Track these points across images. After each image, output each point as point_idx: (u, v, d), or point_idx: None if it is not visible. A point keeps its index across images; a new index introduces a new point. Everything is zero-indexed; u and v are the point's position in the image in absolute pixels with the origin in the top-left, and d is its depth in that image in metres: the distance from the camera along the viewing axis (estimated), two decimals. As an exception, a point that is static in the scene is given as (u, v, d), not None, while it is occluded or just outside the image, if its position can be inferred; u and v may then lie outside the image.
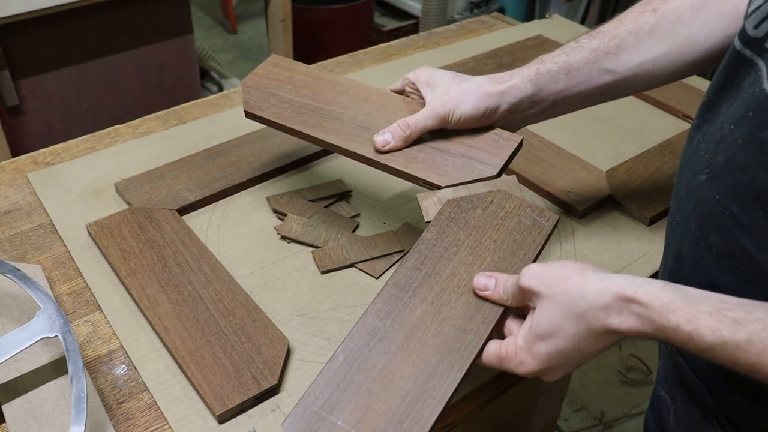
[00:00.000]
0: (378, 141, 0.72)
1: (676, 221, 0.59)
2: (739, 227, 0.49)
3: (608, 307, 0.48)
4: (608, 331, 0.49)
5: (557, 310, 0.51)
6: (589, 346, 0.51)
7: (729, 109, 0.53)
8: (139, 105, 1.87)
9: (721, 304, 0.45)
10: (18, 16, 1.50)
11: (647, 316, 0.47)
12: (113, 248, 0.77)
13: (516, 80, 0.70)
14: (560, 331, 0.51)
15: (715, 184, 0.52)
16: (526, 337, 0.54)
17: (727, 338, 0.43)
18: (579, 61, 0.69)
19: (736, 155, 0.49)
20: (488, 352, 0.57)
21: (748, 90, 0.50)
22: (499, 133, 0.72)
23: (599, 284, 0.49)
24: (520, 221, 0.64)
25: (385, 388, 0.53)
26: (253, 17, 3.70)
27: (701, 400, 0.59)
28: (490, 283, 0.58)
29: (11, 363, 0.63)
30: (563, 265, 0.53)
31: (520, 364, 0.55)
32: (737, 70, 0.53)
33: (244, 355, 0.65)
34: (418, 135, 0.72)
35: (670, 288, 0.47)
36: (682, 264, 0.57)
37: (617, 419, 1.67)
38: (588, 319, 0.49)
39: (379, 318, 0.58)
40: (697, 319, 0.44)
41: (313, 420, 0.52)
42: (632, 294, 0.47)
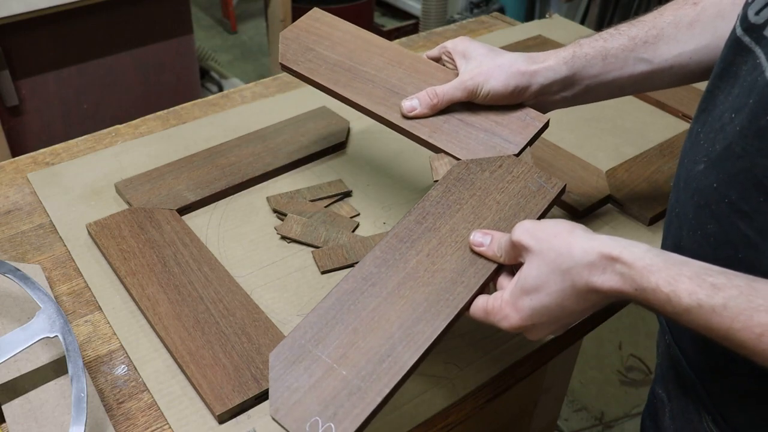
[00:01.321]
0: (405, 106, 0.72)
1: (675, 213, 0.59)
2: (738, 215, 0.49)
3: (593, 265, 0.49)
4: (591, 290, 0.50)
5: (544, 265, 0.52)
6: (572, 304, 0.52)
7: (728, 97, 0.53)
8: (139, 105, 1.88)
9: (702, 270, 0.45)
10: (18, 16, 1.50)
11: (629, 275, 0.47)
12: (113, 248, 0.77)
13: (551, 62, 0.69)
14: (545, 286, 0.52)
15: (713, 173, 0.52)
16: (513, 291, 0.54)
17: (704, 301, 0.44)
18: (617, 47, 0.69)
19: (734, 142, 0.50)
20: (476, 306, 0.57)
21: (747, 78, 0.50)
22: (527, 111, 0.71)
23: (586, 243, 0.50)
24: (526, 185, 0.65)
25: (371, 329, 0.55)
26: (253, 17, 3.70)
27: (695, 395, 0.59)
28: (485, 240, 0.59)
29: (11, 363, 0.63)
30: (555, 223, 0.54)
31: (504, 318, 0.55)
32: (735, 58, 0.53)
33: (244, 355, 0.65)
34: (445, 105, 0.71)
35: (654, 251, 0.48)
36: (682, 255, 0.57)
37: (617, 419, 1.67)
38: (573, 275, 0.50)
39: (375, 265, 0.59)
40: (677, 281, 0.45)
41: (299, 351, 0.53)
42: (617, 254, 0.48)
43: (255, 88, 1.13)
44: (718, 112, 0.54)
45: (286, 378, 0.52)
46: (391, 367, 0.52)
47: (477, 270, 0.58)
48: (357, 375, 0.52)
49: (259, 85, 1.15)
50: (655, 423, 0.68)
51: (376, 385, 0.51)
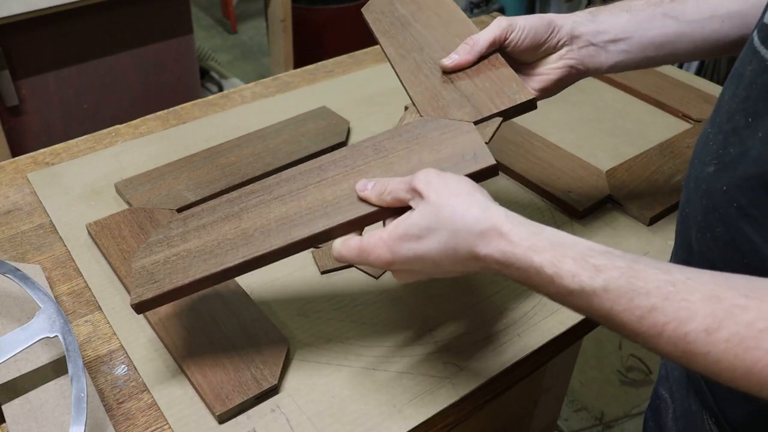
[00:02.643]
0: (445, 61, 0.70)
1: (685, 212, 0.59)
2: (746, 220, 0.49)
3: (481, 234, 0.49)
4: (473, 257, 0.50)
5: (435, 219, 0.51)
6: (448, 264, 0.52)
7: (734, 99, 0.53)
8: (139, 105, 1.88)
9: (586, 250, 0.46)
10: (18, 16, 1.50)
11: (512, 253, 0.48)
12: (113, 248, 0.77)
13: (578, 12, 0.69)
14: (428, 239, 0.51)
15: (724, 176, 0.52)
16: (392, 232, 0.53)
17: (586, 284, 0.44)
18: (643, 2, 0.68)
19: (752, 147, 0.49)
20: (349, 244, 0.56)
21: (757, 80, 0.50)
22: (520, 86, 0.68)
23: (482, 212, 0.50)
24: (462, 155, 0.62)
25: (238, 225, 0.61)
26: (253, 17, 3.70)
27: (700, 396, 0.59)
28: (369, 184, 0.58)
29: (11, 363, 0.63)
30: (459, 180, 0.53)
31: (377, 258, 0.54)
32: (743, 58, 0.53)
33: (244, 355, 0.65)
34: (485, 46, 0.69)
35: (544, 233, 0.48)
36: (691, 258, 0.57)
37: (617, 419, 1.67)
38: (459, 238, 0.50)
39: (284, 178, 0.64)
40: (561, 263, 0.45)
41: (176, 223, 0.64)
42: (506, 231, 0.48)
43: (255, 88, 1.14)
44: (725, 114, 0.54)
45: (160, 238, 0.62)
46: (221, 258, 0.58)
47: (351, 208, 0.58)
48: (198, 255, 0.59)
49: (259, 85, 1.15)
50: (658, 423, 0.68)
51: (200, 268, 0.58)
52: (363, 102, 1.09)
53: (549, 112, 1.09)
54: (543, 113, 1.09)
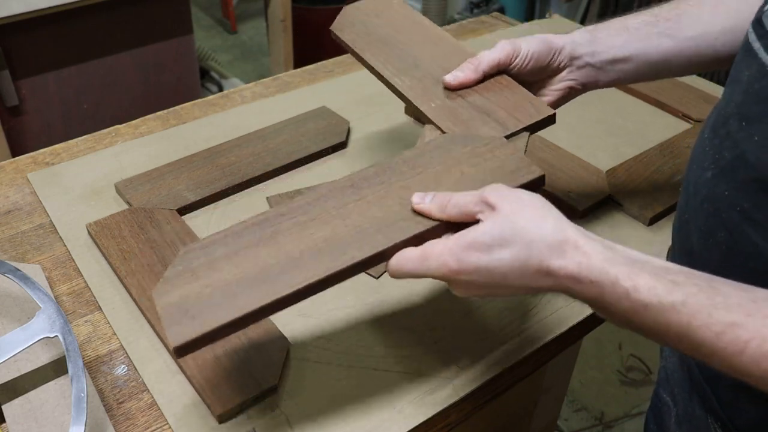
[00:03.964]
0: (447, 78, 0.70)
1: (684, 218, 0.59)
2: (749, 223, 0.49)
3: (555, 245, 0.48)
4: (544, 270, 0.48)
5: (509, 229, 0.50)
6: (516, 278, 0.50)
7: (729, 103, 0.53)
8: (139, 105, 1.88)
9: (662, 269, 0.45)
10: (18, 16, 1.50)
11: (587, 264, 0.47)
12: (113, 248, 0.77)
13: (576, 32, 0.70)
14: (500, 249, 0.49)
15: (723, 181, 0.52)
16: (460, 242, 0.51)
17: (663, 297, 0.43)
18: (639, 22, 0.69)
19: (748, 151, 0.49)
20: (406, 254, 0.54)
21: (754, 85, 0.50)
22: (535, 102, 0.69)
23: (557, 224, 0.49)
24: (501, 166, 0.61)
25: (278, 249, 0.55)
26: (253, 17, 3.70)
27: (705, 400, 0.59)
28: (427, 198, 0.56)
29: (11, 363, 0.63)
30: (532, 195, 0.52)
31: (443, 264, 0.52)
32: (741, 62, 0.53)
33: (244, 355, 0.65)
34: (488, 67, 0.70)
35: (617, 249, 0.48)
36: (692, 262, 0.57)
37: (617, 419, 1.67)
38: (532, 250, 0.48)
39: (316, 198, 0.59)
40: (637, 276, 0.45)
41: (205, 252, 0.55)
42: (581, 244, 0.48)
43: (255, 88, 1.14)
44: (721, 118, 0.54)
45: (182, 268, 0.53)
46: (272, 286, 0.52)
47: (406, 226, 0.56)
48: (241, 283, 0.52)
49: (259, 85, 1.15)
50: (660, 427, 0.68)
51: (250, 298, 0.51)
52: (363, 102, 1.09)
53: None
54: (543, 113, 1.09)
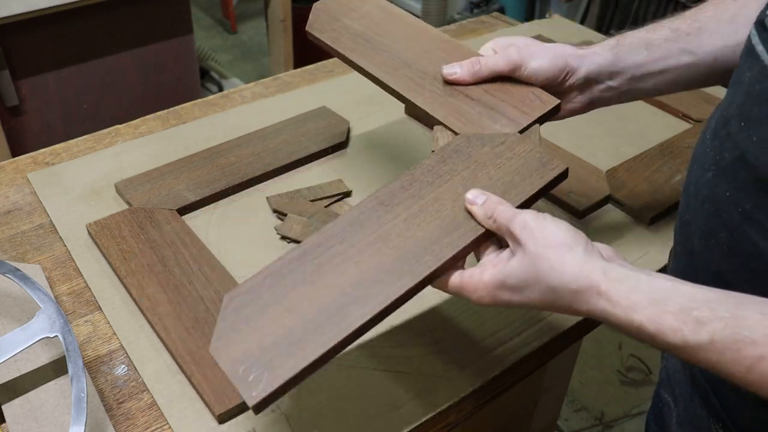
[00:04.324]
0: (445, 71, 0.70)
1: (685, 218, 0.59)
2: (750, 223, 0.49)
3: (579, 292, 0.49)
4: (574, 311, 0.50)
5: (534, 272, 0.51)
6: (548, 310, 0.52)
7: (731, 104, 0.53)
8: (139, 105, 1.88)
9: (689, 303, 0.45)
10: (18, 16, 1.50)
11: (612, 312, 0.47)
12: (113, 248, 0.77)
13: (596, 48, 0.68)
14: (528, 291, 0.51)
15: (724, 181, 0.52)
16: (494, 279, 0.53)
17: (689, 339, 0.43)
18: (659, 38, 0.68)
19: (748, 152, 0.49)
20: (450, 283, 0.56)
21: (755, 86, 0.50)
22: (538, 93, 0.68)
23: (579, 267, 0.49)
24: (525, 164, 0.62)
25: (327, 283, 0.53)
26: (253, 17, 3.70)
27: (707, 402, 0.59)
28: (479, 199, 0.57)
29: (11, 363, 0.63)
30: (558, 229, 0.52)
31: (479, 298, 0.54)
32: (743, 63, 0.53)
33: (244, 355, 0.65)
34: (487, 74, 0.69)
35: (641, 286, 0.47)
36: (694, 263, 0.57)
37: (617, 419, 1.67)
38: (559, 294, 0.50)
39: (349, 223, 0.58)
40: (661, 319, 0.45)
41: (253, 296, 0.53)
42: (604, 289, 0.48)
43: (255, 88, 1.14)
44: (722, 119, 0.54)
45: (233, 320, 0.51)
46: (337, 324, 0.51)
47: (451, 241, 0.56)
48: (302, 327, 0.50)
49: (259, 85, 1.15)
50: (661, 427, 0.68)
51: (318, 340, 0.50)
52: (363, 102, 1.09)
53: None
54: (543, 113, 1.09)
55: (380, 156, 0.97)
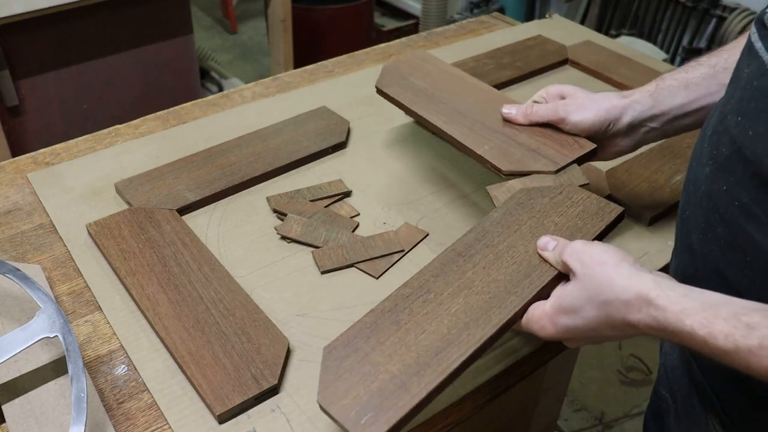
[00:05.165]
0: (504, 110, 0.80)
1: (685, 215, 0.59)
2: (748, 218, 0.49)
3: (630, 303, 0.50)
4: (627, 324, 0.51)
5: (584, 291, 0.54)
6: (605, 331, 0.53)
7: (729, 100, 0.53)
8: (139, 105, 1.88)
9: (739, 309, 0.45)
10: (18, 16, 1.50)
11: (663, 318, 0.48)
12: (113, 248, 0.77)
13: (637, 95, 0.73)
14: (582, 311, 0.54)
15: (722, 176, 0.52)
16: (553, 305, 0.56)
17: (740, 343, 0.44)
18: (698, 76, 0.71)
19: (744, 146, 0.49)
20: None
21: (752, 82, 0.50)
22: (578, 139, 0.76)
23: (627, 280, 0.51)
24: (585, 209, 0.67)
25: (423, 330, 0.57)
26: (253, 17, 3.70)
27: (705, 398, 0.59)
28: (550, 244, 0.61)
29: (11, 363, 0.63)
30: (604, 249, 0.55)
31: (542, 329, 0.57)
32: (742, 61, 0.53)
33: (244, 355, 0.65)
34: (537, 120, 0.77)
35: (693, 294, 0.48)
36: (694, 259, 0.57)
37: (617, 419, 1.67)
38: (610, 308, 0.51)
39: (432, 274, 0.62)
40: (712, 324, 0.45)
41: (352, 348, 0.56)
42: (653, 296, 0.49)
43: (255, 88, 1.14)
44: (719, 115, 0.54)
45: (336, 370, 0.54)
46: (438, 365, 0.54)
47: (530, 282, 0.60)
48: (404, 371, 0.54)
49: (259, 85, 1.15)
50: (659, 424, 0.68)
51: (422, 382, 0.53)
52: (363, 102, 1.09)
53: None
54: (543, 113, 1.09)
55: (380, 156, 0.97)
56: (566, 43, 1.27)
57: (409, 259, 0.79)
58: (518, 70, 1.18)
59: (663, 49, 2.64)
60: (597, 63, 1.21)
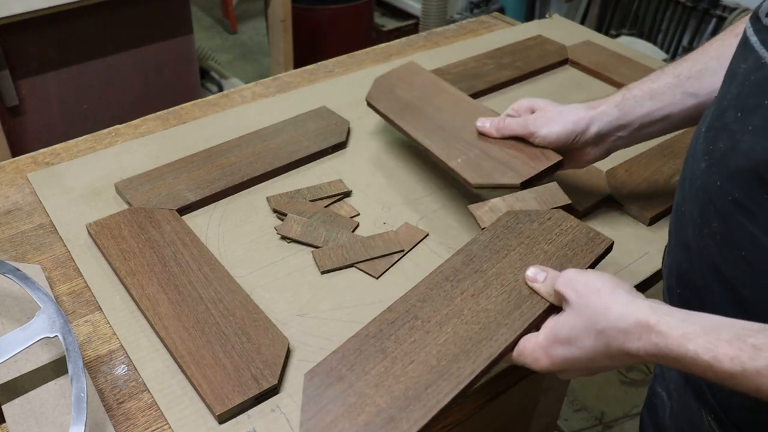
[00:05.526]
0: (478, 123, 0.83)
1: (681, 211, 0.59)
2: (742, 212, 0.49)
3: (628, 331, 0.49)
4: (625, 353, 0.50)
5: (580, 321, 0.52)
6: (603, 361, 0.52)
7: (725, 96, 0.54)
8: (139, 105, 1.88)
9: (742, 330, 0.44)
10: (18, 16, 1.50)
11: (665, 345, 0.47)
12: (113, 248, 0.77)
13: (604, 106, 0.75)
14: (578, 341, 0.52)
15: (716, 171, 0.52)
16: (547, 336, 0.55)
17: (747, 365, 0.43)
18: (663, 85, 0.73)
19: (742, 141, 0.49)
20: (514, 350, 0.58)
21: (750, 77, 0.50)
22: (546, 152, 0.78)
23: (624, 308, 0.50)
24: (574, 239, 0.66)
25: (411, 360, 0.55)
26: (253, 17, 3.70)
27: (698, 394, 0.59)
28: (540, 276, 0.60)
29: (11, 363, 0.63)
30: (598, 277, 0.54)
31: (536, 361, 0.56)
32: (738, 57, 0.54)
33: (244, 355, 0.65)
34: (508, 133, 0.81)
35: (692, 318, 0.47)
36: (689, 255, 0.57)
37: (617, 419, 1.67)
38: (607, 337, 0.50)
39: (418, 299, 0.60)
40: (716, 347, 0.44)
41: (335, 375, 0.54)
42: (653, 322, 0.48)
43: (255, 88, 1.14)
44: (717, 111, 0.54)
45: (320, 400, 0.52)
46: (428, 400, 0.52)
47: (521, 313, 0.59)
48: (392, 405, 0.52)
49: (259, 85, 1.15)
50: (655, 422, 0.69)
51: (411, 418, 0.51)
52: (363, 102, 1.08)
53: (549, 112, 1.09)
54: (543, 113, 1.09)
55: (380, 156, 0.97)
56: (566, 43, 1.27)
57: (409, 259, 0.79)
58: (518, 70, 1.18)
59: (663, 49, 2.64)
60: (597, 63, 1.21)
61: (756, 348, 0.43)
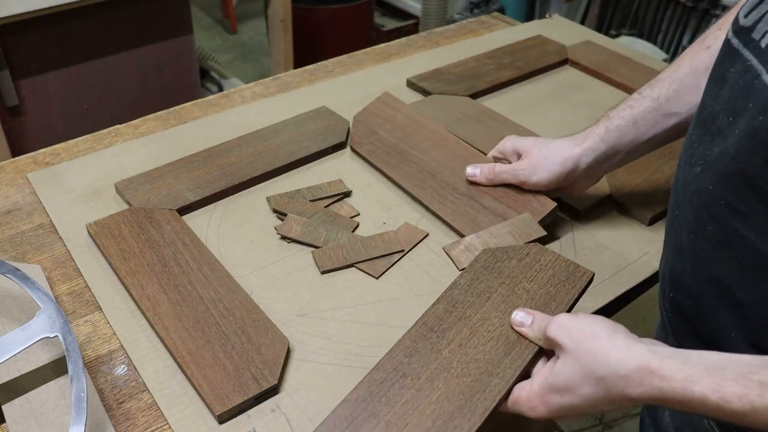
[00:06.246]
0: (468, 171, 0.84)
1: (675, 215, 0.59)
2: (735, 216, 0.49)
3: (629, 377, 0.48)
4: (626, 399, 0.49)
5: (578, 368, 0.51)
6: (602, 406, 0.51)
7: (716, 100, 0.54)
8: (139, 105, 1.88)
9: (745, 368, 0.44)
10: (18, 16, 1.50)
11: (669, 389, 0.46)
12: (113, 248, 0.77)
13: (589, 142, 0.76)
14: (577, 389, 0.51)
15: (709, 175, 0.52)
16: (543, 384, 0.54)
17: (757, 403, 0.42)
18: (643, 110, 0.74)
19: (732, 144, 0.50)
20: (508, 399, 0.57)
21: (739, 81, 0.51)
22: (540, 199, 0.80)
23: (624, 353, 0.49)
24: (555, 274, 0.65)
25: (405, 423, 0.54)
26: (253, 17, 3.70)
27: None
28: (527, 320, 0.59)
29: (11, 363, 0.63)
30: (593, 322, 0.53)
31: (532, 409, 0.55)
32: (723, 60, 0.54)
33: (244, 355, 0.65)
34: (499, 182, 0.83)
35: (693, 358, 0.46)
36: (683, 259, 0.57)
37: (617, 419, 1.67)
38: (608, 384, 0.49)
39: (405, 354, 0.59)
40: (723, 387, 0.43)
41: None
42: (655, 366, 0.47)
43: (255, 88, 1.14)
44: (709, 115, 0.55)
45: None
46: None
47: (512, 361, 0.58)
48: None
49: (259, 85, 1.15)
50: (655, 421, 0.69)
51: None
52: (363, 102, 1.08)
53: (549, 112, 1.09)
54: (543, 113, 1.09)
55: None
56: (566, 43, 1.27)
57: (409, 259, 0.79)
58: (518, 70, 1.18)
59: (663, 49, 2.64)
60: (597, 63, 1.21)
61: (763, 384, 0.42)
